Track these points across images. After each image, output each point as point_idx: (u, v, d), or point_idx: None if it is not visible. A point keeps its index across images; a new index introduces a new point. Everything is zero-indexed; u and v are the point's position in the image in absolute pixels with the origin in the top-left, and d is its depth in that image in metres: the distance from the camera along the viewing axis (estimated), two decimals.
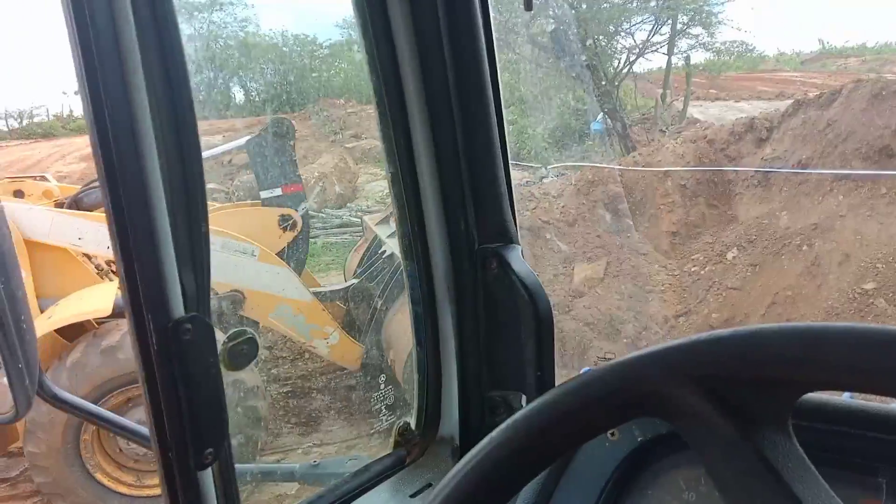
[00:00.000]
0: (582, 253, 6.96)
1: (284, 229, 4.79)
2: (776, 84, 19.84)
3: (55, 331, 4.15)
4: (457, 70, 1.03)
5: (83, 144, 16.12)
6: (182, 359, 0.73)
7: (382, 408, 4.44)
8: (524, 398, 1.10)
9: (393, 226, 5.60)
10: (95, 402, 3.91)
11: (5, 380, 1.20)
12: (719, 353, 0.54)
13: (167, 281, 0.71)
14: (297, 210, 4.82)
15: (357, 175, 12.72)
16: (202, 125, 0.75)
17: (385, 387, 4.45)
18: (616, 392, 0.60)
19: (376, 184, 12.66)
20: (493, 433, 0.63)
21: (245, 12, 17.37)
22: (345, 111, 16.33)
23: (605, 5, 14.70)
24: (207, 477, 0.78)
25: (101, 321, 4.23)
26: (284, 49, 18.38)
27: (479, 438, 1.12)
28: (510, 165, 1.15)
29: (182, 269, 0.73)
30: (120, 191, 0.67)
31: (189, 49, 0.71)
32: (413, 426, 1.13)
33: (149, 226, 0.69)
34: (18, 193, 4.88)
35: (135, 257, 0.69)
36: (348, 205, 11.54)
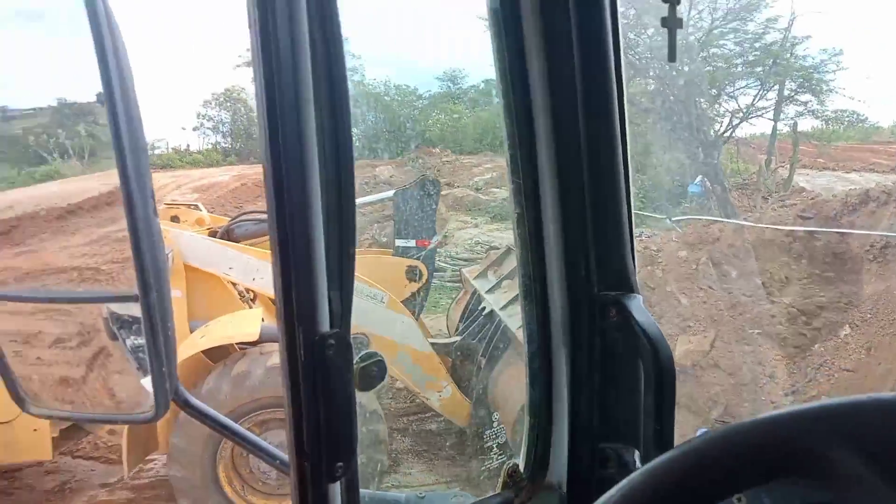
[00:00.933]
0: (684, 320, 6.62)
1: (410, 280, 4.99)
2: (891, 156, 18.75)
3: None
4: (587, 118, 1.05)
5: (197, 176, 17.29)
6: (325, 371, 0.77)
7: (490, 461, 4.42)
8: (637, 454, 1.07)
9: (492, 279, 5.65)
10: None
11: (142, 381, 1.29)
12: (885, 417, 0.51)
13: (318, 298, 0.76)
14: (425, 263, 5.04)
15: (447, 221, 12.95)
16: None
17: (492, 448, 4.44)
18: (764, 448, 0.57)
19: (465, 231, 12.83)
20: (633, 476, 0.61)
21: (352, 62, 18.34)
22: (440, 160, 16.76)
23: (708, 68, 14.51)
24: (336, 490, 0.81)
25: (242, 346, 4.48)
26: (386, 98, 19.21)
27: (587, 489, 1.10)
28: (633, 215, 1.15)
29: (331, 288, 0.78)
30: (286, 214, 0.73)
31: None
32: (521, 469, 1.12)
33: (307, 247, 0.75)
34: (175, 219, 5.30)
35: (293, 274, 0.75)
36: (438, 250, 11.71)
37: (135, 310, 1.15)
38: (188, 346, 4.42)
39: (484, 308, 5.30)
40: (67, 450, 5.73)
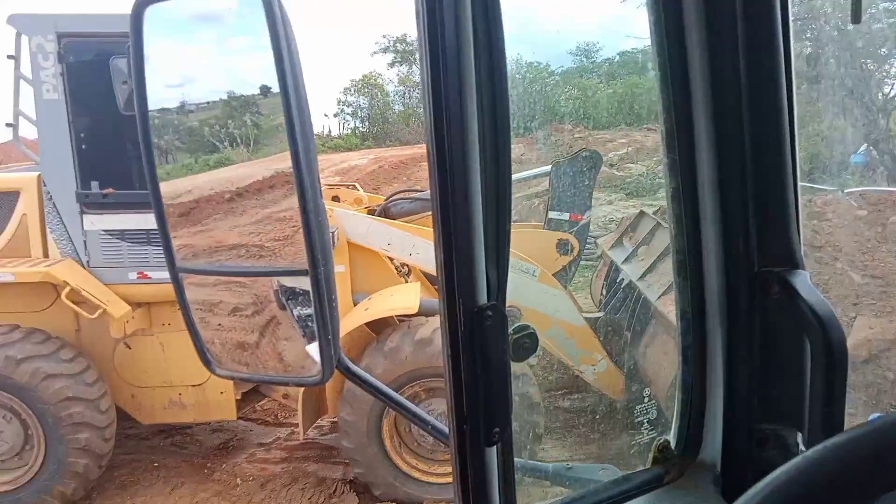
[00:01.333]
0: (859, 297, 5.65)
1: (561, 253, 4.97)
2: None
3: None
4: (750, 83, 0.99)
5: (338, 160, 18.18)
6: (483, 341, 0.81)
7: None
8: (800, 436, 1.02)
9: (627, 247, 5.48)
10: (399, 388, 4.49)
11: (307, 347, 1.41)
12: None
13: (477, 271, 0.80)
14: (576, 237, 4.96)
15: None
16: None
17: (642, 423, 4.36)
18: None
19: (599, 209, 12.53)
20: (807, 454, 0.59)
21: None
22: (572, 136, 16.40)
23: (877, 25, 12.99)
24: (492, 455, 0.85)
25: (402, 318, 4.76)
26: (517, 76, 19.03)
27: (742, 469, 1.06)
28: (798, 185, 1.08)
29: (488, 263, 0.81)
30: (449, 193, 0.77)
31: None
32: (673, 445, 1.11)
33: (467, 224, 0.79)
34: (335, 199, 5.63)
35: (454, 249, 0.79)
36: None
37: (302, 283, 1.26)
38: (353, 318, 4.71)
39: (622, 280, 5.18)
40: None
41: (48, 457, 4.93)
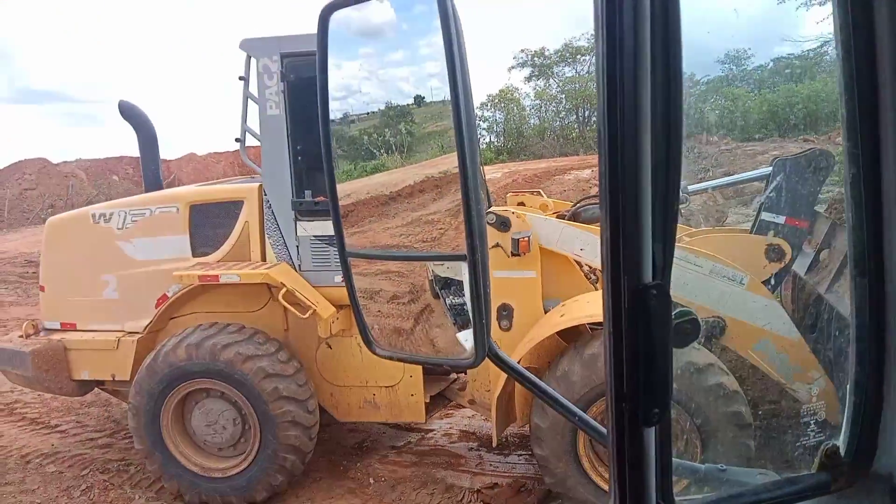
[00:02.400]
0: None
1: (771, 260, 4.55)
2: None
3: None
4: None
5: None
6: (646, 319, 0.81)
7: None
8: None
9: (808, 252, 4.82)
10: (597, 398, 4.31)
11: (458, 334, 1.48)
12: None
13: (643, 249, 0.80)
14: (790, 244, 4.48)
15: (726, 214, 12.01)
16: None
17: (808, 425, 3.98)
18: None
19: (748, 224, 11.77)
20: None
21: None
22: (718, 148, 15.57)
23: None
24: (650, 435, 0.86)
25: (593, 326, 4.59)
26: None
27: None
28: None
29: (655, 241, 0.82)
30: (618, 168, 0.78)
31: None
32: (842, 452, 1.05)
33: (635, 200, 0.79)
34: (521, 205, 5.65)
35: (621, 225, 0.81)
36: None
37: (457, 271, 1.34)
38: (548, 324, 4.55)
39: (810, 294, 4.62)
40: None
41: (261, 450, 5.28)
